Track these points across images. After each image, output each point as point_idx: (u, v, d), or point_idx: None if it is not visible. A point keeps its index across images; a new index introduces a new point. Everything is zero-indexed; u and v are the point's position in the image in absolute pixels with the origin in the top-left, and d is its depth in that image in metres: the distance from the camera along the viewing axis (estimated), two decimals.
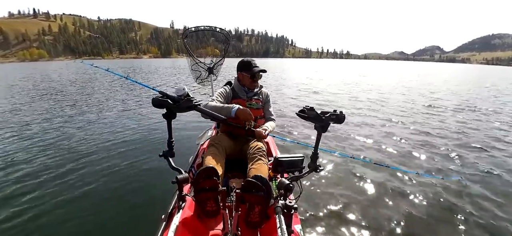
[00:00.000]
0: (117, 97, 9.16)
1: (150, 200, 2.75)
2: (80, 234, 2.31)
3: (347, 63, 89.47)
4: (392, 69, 41.99)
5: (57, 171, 3.39)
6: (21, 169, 3.46)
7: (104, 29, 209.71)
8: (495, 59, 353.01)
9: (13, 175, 3.31)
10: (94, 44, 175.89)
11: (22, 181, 3.15)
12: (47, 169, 3.44)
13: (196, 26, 4.04)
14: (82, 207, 2.63)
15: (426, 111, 7.67)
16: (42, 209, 2.59)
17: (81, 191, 2.92)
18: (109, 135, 4.83)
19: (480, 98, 10.74)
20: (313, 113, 1.46)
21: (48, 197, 2.79)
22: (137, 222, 2.42)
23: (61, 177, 3.25)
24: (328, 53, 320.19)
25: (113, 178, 3.23)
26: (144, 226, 2.33)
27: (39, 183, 3.09)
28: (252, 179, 1.42)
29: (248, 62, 2.15)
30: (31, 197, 2.81)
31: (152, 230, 1.31)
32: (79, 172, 3.37)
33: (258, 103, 2.17)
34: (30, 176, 3.27)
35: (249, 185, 1.41)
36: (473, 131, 5.49)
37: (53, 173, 3.33)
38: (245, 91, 2.16)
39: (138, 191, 2.93)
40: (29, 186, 3.02)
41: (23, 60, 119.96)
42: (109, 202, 2.73)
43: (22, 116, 6.46)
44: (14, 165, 3.58)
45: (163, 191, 2.81)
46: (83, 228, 2.35)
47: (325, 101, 9.13)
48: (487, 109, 8.07)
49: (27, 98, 9.33)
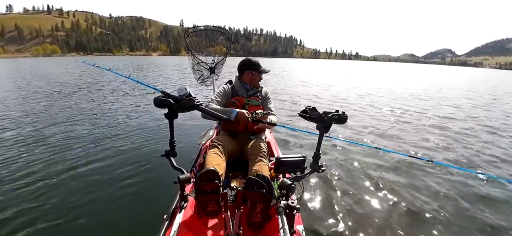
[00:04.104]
0: (119, 97, 9.24)
1: (152, 199, 2.78)
2: (82, 233, 2.34)
3: (356, 64, 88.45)
4: (403, 72, 41.17)
5: (57, 171, 3.42)
6: (21, 170, 3.47)
7: (115, 26, 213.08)
8: (509, 64, 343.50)
9: (13, 175, 3.31)
10: (105, 40, 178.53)
11: (22, 180, 3.18)
12: (46, 169, 3.47)
13: (195, 27, 4.08)
14: (83, 207, 2.66)
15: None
16: (42, 209, 2.61)
17: (82, 191, 2.95)
18: (111, 135, 4.88)
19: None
20: (315, 113, 1.45)
21: (49, 198, 2.82)
22: (139, 222, 2.44)
23: (61, 177, 3.28)
24: (336, 54, 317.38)
25: (115, 178, 3.27)
26: (146, 226, 2.36)
27: (38, 183, 3.11)
28: (254, 177, 1.43)
29: (257, 62, 2.26)
30: (30, 197, 2.84)
31: (154, 229, 1.33)
32: (80, 172, 3.41)
33: (257, 100, 2.23)
34: (30, 175, 3.29)
35: (251, 182, 1.42)
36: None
37: (53, 173, 3.37)
38: (246, 89, 2.24)
39: (140, 191, 2.96)
40: (28, 186, 3.04)
41: (37, 55, 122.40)
42: (111, 202, 2.76)
43: (21, 116, 6.50)
44: (14, 166, 3.59)
45: (165, 190, 2.83)
46: (84, 228, 2.38)
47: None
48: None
49: (20, 97, 9.31)
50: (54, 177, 3.28)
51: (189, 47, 3.85)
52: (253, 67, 2.23)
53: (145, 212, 2.57)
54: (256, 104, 2.20)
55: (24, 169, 3.47)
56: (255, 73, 2.23)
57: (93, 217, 2.52)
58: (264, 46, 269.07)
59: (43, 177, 3.26)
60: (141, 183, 3.13)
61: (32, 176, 3.28)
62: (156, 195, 2.88)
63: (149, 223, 2.38)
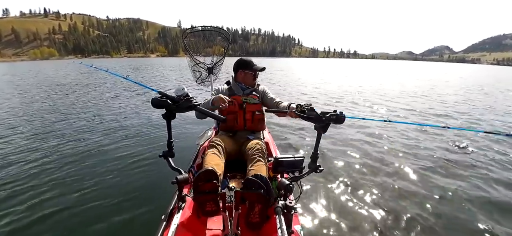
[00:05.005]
0: (116, 97, 9.25)
1: (150, 200, 2.78)
2: (80, 234, 2.34)
3: (353, 62, 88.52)
4: (402, 70, 41.26)
5: (55, 171, 3.43)
6: (21, 170, 3.49)
7: (112, 28, 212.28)
8: (507, 59, 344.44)
9: (12, 176, 3.33)
10: (103, 43, 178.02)
11: (19, 181, 3.19)
12: (46, 170, 3.48)
13: (192, 27, 4.08)
14: (81, 208, 2.66)
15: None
16: (40, 210, 2.62)
17: (80, 192, 2.96)
18: (108, 136, 4.88)
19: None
20: (313, 113, 1.46)
21: (47, 198, 2.83)
22: (137, 222, 2.44)
23: (59, 177, 3.29)
24: (335, 53, 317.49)
25: (112, 178, 3.27)
26: (144, 226, 2.36)
27: (37, 184, 3.13)
28: (251, 177, 1.43)
29: (249, 61, 2.27)
30: (30, 197, 2.85)
31: (152, 230, 1.33)
32: (78, 173, 3.41)
33: (255, 98, 2.22)
34: (28, 178, 3.29)
35: (249, 183, 1.43)
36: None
37: (52, 173, 3.38)
38: (242, 88, 2.25)
39: (137, 192, 2.95)
40: (27, 187, 3.05)
41: (34, 58, 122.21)
42: (109, 203, 2.76)
43: (21, 117, 6.52)
44: (13, 166, 3.61)
45: (163, 191, 2.84)
46: (83, 229, 2.38)
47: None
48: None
49: (23, 98, 9.45)
50: (51, 176, 3.29)
51: (187, 48, 3.85)
52: (245, 66, 2.24)
53: (143, 213, 2.57)
54: (254, 102, 2.19)
55: (23, 169, 3.48)
56: (248, 72, 2.23)
57: (90, 218, 2.52)
58: (262, 46, 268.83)
59: (40, 177, 3.27)
60: (139, 184, 3.13)
61: (29, 176, 3.30)
62: (154, 195, 2.88)
63: (147, 224, 2.39)
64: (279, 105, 2.07)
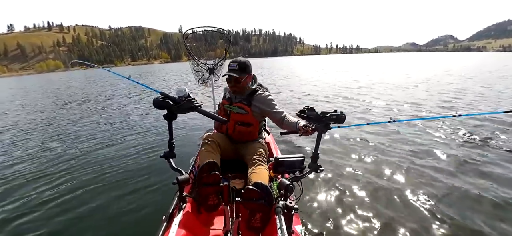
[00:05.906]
0: (119, 99, 9.36)
1: (151, 200, 2.79)
2: (81, 234, 2.37)
3: (356, 57, 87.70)
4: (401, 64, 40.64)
5: (57, 172, 3.50)
6: (21, 170, 3.59)
7: (115, 38, 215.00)
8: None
9: (15, 176, 3.44)
10: (107, 52, 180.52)
11: (23, 182, 3.28)
12: (46, 170, 3.56)
13: (192, 28, 4.09)
14: (82, 208, 2.70)
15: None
16: (40, 210, 2.67)
17: (81, 192, 3.00)
18: (110, 137, 4.95)
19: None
20: (313, 113, 1.45)
21: (49, 198, 2.88)
22: (138, 223, 2.46)
23: (61, 178, 3.35)
24: (337, 49, 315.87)
25: (113, 179, 3.31)
26: (145, 227, 2.37)
27: (38, 184, 3.20)
28: (252, 186, 1.43)
29: (229, 64, 1.95)
30: (29, 197, 2.91)
31: (153, 230, 1.33)
32: (79, 173, 3.47)
33: (242, 108, 1.90)
34: (30, 177, 3.38)
35: (249, 193, 1.42)
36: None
37: (53, 174, 3.45)
38: (230, 96, 2.03)
39: (138, 192, 2.97)
40: (29, 187, 3.15)
41: (41, 71, 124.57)
42: (110, 203, 2.78)
43: (24, 124, 6.63)
44: (15, 167, 3.72)
45: (163, 191, 2.87)
46: (84, 229, 2.41)
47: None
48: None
49: (27, 104, 9.58)
50: (53, 177, 3.36)
51: (188, 49, 3.88)
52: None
53: (143, 213, 2.58)
54: (239, 112, 1.91)
55: (24, 170, 3.59)
56: (227, 79, 1.95)
57: (91, 218, 2.55)
58: (264, 46, 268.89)
59: (42, 178, 3.35)
60: (140, 184, 3.15)
61: (30, 177, 3.39)
62: (155, 196, 2.89)
63: (147, 224, 2.40)
64: (286, 119, 1.82)
